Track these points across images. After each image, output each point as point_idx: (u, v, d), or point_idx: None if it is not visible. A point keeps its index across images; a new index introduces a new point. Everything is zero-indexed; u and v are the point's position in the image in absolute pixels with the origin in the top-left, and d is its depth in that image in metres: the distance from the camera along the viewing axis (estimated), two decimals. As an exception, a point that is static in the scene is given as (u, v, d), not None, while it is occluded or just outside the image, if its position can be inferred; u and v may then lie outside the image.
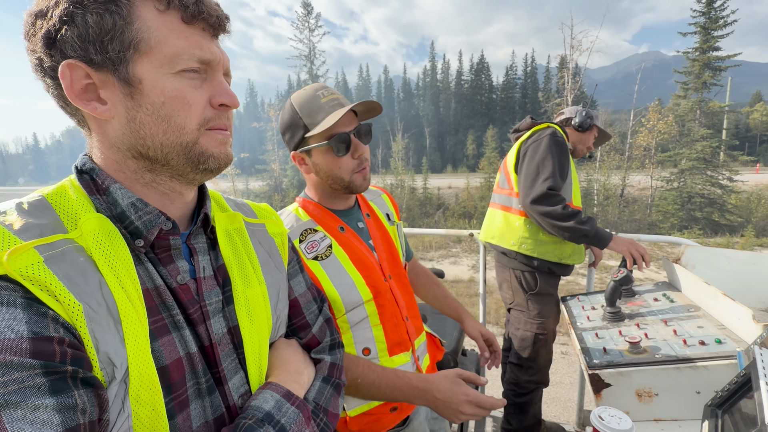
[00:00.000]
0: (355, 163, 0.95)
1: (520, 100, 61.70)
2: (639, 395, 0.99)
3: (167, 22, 0.47)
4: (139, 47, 0.45)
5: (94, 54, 0.44)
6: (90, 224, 0.45)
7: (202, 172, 0.52)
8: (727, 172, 15.62)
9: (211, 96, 0.51)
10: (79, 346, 0.39)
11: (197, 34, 0.49)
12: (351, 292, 0.93)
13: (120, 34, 0.44)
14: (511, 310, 2.00)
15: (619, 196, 16.70)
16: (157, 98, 0.47)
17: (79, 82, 0.45)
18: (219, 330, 0.54)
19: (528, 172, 1.73)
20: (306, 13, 29.72)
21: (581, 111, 1.94)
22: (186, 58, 0.47)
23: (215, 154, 0.52)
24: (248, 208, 0.72)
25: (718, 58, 16.28)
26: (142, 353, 0.43)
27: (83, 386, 0.38)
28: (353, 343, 0.95)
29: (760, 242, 10.63)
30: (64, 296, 0.39)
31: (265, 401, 0.54)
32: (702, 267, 1.41)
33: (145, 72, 0.46)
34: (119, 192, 0.49)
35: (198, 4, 0.48)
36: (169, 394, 0.47)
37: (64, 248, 0.42)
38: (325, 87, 0.95)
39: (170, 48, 0.46)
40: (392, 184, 22.33)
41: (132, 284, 0.45)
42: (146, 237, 0.49)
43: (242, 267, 0.61)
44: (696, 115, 16.35)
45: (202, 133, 0.51)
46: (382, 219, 1.12)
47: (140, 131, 0.48)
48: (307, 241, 0.95)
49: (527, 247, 1.81)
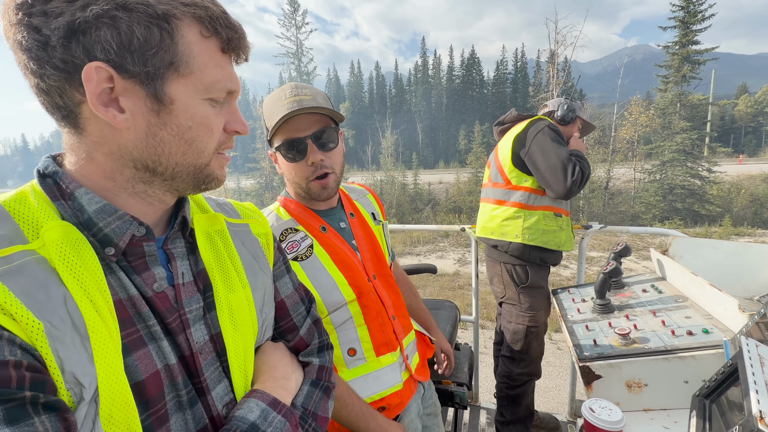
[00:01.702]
0: (310, 170, 0.92)
1: (511, 94, 61.95)
2: (629, 386, 1.00)
3: (208, 49, 0.47)
4: (179, 68, 0.45)
5: (132, 64, 0.42)
6: (53, 233, 0.42)
7: (201, 190, 0.54)
8: (706, 163, 16.00)
9: (227, 123, 0.52)
10: (41, 368, 0.36)
11: (229, 64, 0.50)
12: (332, 293, 0.92)
13: (164, 52, 0.43)
14: (502, 304, 2.01)
15: (604, 189, 16.97)
16: (185, 122, 0.47)
17: (101, 86, 0.42)
18: (200, 338, 0.52)
19: (550, 165, 1.74)
20: (293, 10, 29.40)
21: (563, 104, 1.95)
22: (219, 89, 0.48)
23: (218, 176, 0.54)
24: (231, 208, 0.69)
25: (696, 51, 16.70)
26: (113, 370, 0.41)
27: (45, 411, 0.35)
28: (338, 344, 0.94)
29: (737, 231, 10.93)
30: (21, 314, 0.36)
31: (250, 411, 0.52)
32: (689, 257, 1.42)
33: (179, 94, 0.46)
34: (85, 197, 0.46)
35: (238, 38, 0.49)
36: (146, 410, 0.44)
37: (23, 261, 0.39)
38: (297, 86, 0.92)
39: (208, 77, 0.47)
40: (382, 181, 22.31)
41: (101, 296, 0.42)
42: (117, 244, 0.46)
43: (224, 271, 0.58)
44: (676, 108, 16.67)
45: (214, 156, 0.52)
46: (367, 218, 1.10)
47: (158, 148, 0.47)
48: (287, 241, 0.93)
49: (531, 237, 1.82)
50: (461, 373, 1.76)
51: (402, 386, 1.00)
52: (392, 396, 0.98)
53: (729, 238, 9.94)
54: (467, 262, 8.02)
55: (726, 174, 16.23)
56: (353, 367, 0.96)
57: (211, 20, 0.46)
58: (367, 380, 0.96)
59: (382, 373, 0.97)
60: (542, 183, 1.79)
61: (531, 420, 2.03)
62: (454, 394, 1.64)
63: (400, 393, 0.99)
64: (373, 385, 0.96)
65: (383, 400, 0.97)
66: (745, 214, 14.37)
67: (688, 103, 16.53)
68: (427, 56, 67.07)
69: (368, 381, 0.96)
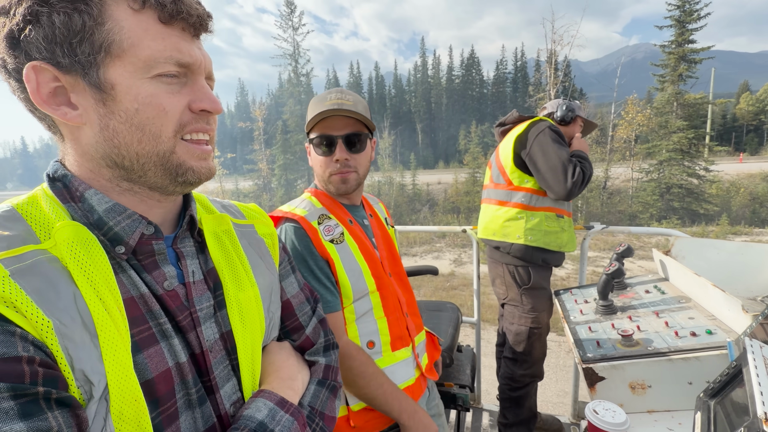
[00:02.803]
0: (335, 166, 1.00)
1: (511, 94, 61.93)
2: (632, 388, 1.00)
3: (142, 23, 0.43)
4: (110, 50, 0.42)
5: (62, 57, 0.42)
6: (64, 232, 0.42)
7: (182, 184, 0.50)
8: (703, 162, 15.99)
9: (191, 101, 0.48)
10: (52, 365, 0.37)
11: (176, 35, 0.45)
12: (359, 280, 0.97)
13: (90, 36, 0.41)
14: (504, 305, 2.00)
15: (602, 188, 16.98)
16: (131, 105, 0.44)
17: (47, 86, 0.42)
18: (211, 336, 0.53)
19: (550, 166, 1.74)
20: (289, 12, 29.46)
21: (562, 105, 1.95)
22: (162, 62, 0.44)
23: (194, 167, 0.49)
24: (235, 209, 0.70)
25: (693, 51, 16.75)
26: (123, 368, 0.41)
27: (58, 407, 0.36)
28: (358, 336, 0.97)
29: (734, 230, 10.91)
30: (31, 312, 0.36)
31: (258, 410, 0.52)
32: (692, 258, 1.42)
33: (118, 77, 0.43)
34: (95, 198, 0.46)
35: (176, 3, 0.45)
36: (156, 407, 0.45)
37: (34, 260, 0.39)
38: (342, 91, 1.00)
39: (145, 51, 0.43)
40: (380, 182, 22.33)
41: (111, 294, 0.42)
42: (127, 243, 0.46)
43: (233, 270, 0.59)
44: (673, 107, 16.68)
45: (178, 141, 0.48)
46: (382, 221, 1.18)
47: (114, 140, 0.45)
48: (324, 225, 0.98)
49: (533, 238, 1.81)
50: (463, 375, 1.75)
51: (414, 382, 1.03)
52: (405, 391, 1.00)
53: (726, 237, 9.93)
54: (463, 263, 8.03)
55: (725, 173, 16.22)
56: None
57: None
58: None
59: (396, 368, 1.01)
60: (542, 184, 1.79)
61: (534, 422, 2.02)
62: (457, 396, 1.63)
63: (412, 388, 1.02)
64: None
65: None
66: (744, 213, 14.36)
67: (684, 102, 16.55)
68: (427, 56, 67.08)
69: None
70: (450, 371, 1.79)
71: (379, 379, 0.93)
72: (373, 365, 0.94)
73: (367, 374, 0.92)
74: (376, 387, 0.92)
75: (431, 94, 66.39)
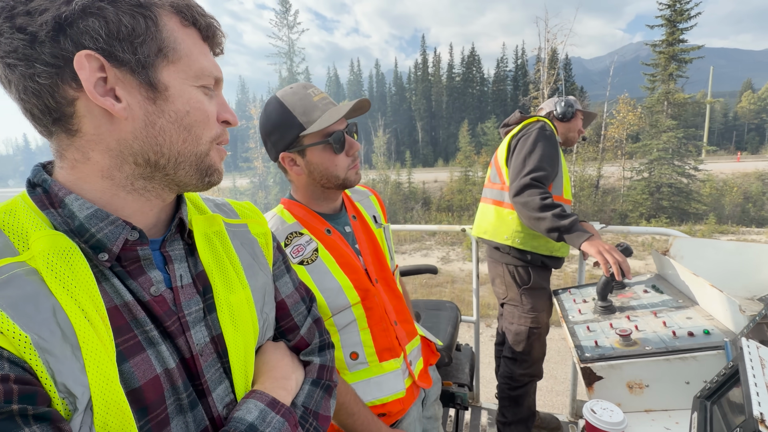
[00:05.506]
0: (350, 160, 0.97)
1: (512, 92, 61.80)
2: (630, 387, 1.00)
3: (190, 37, 0.49)
4: (168, 55, 0.46)
5: (122, 52, 0.43)
6: (40, 244, 0.41)
7: (207, 184, 0.54)
8: (692, 161, 16.03)
9: (218, 113, 0.53)
10: (31, 380, 0.36)
11: (210, 53, 0.52)
12: (338, 297, 0.92)
13: (151, 40, 0.45)
14: (504, 305, 2.01)
15: (594, 187, 17.02)
16: (183, 107, 0.48)
17: (94, 74, 0.42)
18: (201, 340, 0.52)
19: (515, 165, 1.74)
20: (284, 10, 29.40)
21: (560, 101, 1.94)
22: (207, 75, 0.50)
23: (219, 169, 0.55)
24: (229, 208, 0.69)
25: (683, 50, 16.89)
26: (106, 379, 0.40)
27: (36, 422, 0.35)
28: (341, 347, 0.94)
29: (721, 229, 10.92)
30: (7, 327, 0.36)
31: (248, 412, 0.52)
32: (690, 258, 1.42)
33: (172, 80, 0.47)
34: (75, 203, 0.45)
35: (213, 27, 0.51)
36: (144, 416, 0.44)
37: (11, 273, 0.39)
38: (312, 86, 0.95)
39: (196, 62, 0.48)
40: (374, 180, 22.34)
41: (93, 304, 0.42)
42: (110, 250, 0.45)
43: (224, 272, 0.58)
44: (663, 107, 16.70)
45: (213, 146, 0.53)
46: (368, 222, 1.09)
47: (159, 137, 0.47)
48: (292, 245, 0.93)
49: (520, 240, 1.81)
50: (462, 373, 1.76)
51: (405, 393, 1.00)
52: (394, 403, 0.98)
53: (712, 235, 9.93)
54: (450, 260, 8.03)
55: (720, 172, 16.28)
56: (355, 371, 0.95)
57: (188, 9, 0.48)
58: (369, 385, 0.96)
59: (384, 380, 0.97)
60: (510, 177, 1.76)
61: (532, 420, 2.03)
62: (456, 394, 1.64)
63: (402, 400, 0.99)
64: (375, 390, 0.96)
65: (384, 406, 0.97)
66: (735, 212, 14.38)
67: (674, 101, 16.56)
68: (427, 54, 66.92)
69: (370, 386, 0.96)
70: (449, 370, 1.80)
71: (351, 408, 0.89)
72: (346, 394, 0.89)
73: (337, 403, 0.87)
74: (346, 417, 0.88)
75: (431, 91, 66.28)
